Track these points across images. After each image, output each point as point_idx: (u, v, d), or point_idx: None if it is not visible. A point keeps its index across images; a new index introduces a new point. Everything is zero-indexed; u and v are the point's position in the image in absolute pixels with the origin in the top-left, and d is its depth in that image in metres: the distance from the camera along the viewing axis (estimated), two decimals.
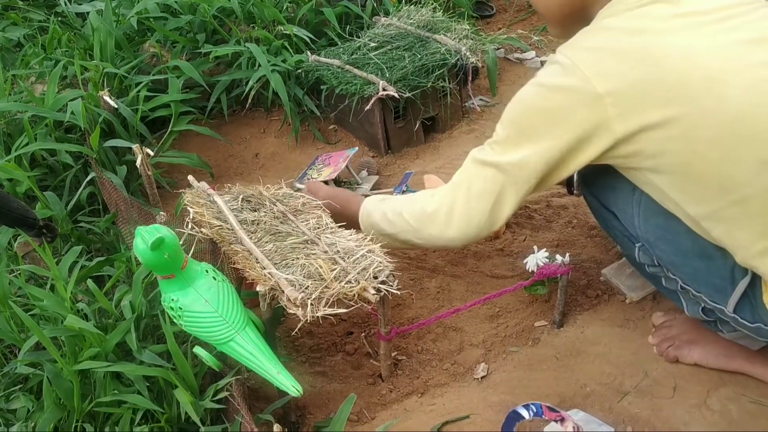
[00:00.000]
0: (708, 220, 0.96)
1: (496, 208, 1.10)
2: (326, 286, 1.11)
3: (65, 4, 2.69)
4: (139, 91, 2.02)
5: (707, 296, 1.07)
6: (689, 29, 0.92)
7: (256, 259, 1.18)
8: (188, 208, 1.33)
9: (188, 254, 1.17)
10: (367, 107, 1.97)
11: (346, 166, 1.89)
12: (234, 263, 1.25)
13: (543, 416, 1.02)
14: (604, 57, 0.94)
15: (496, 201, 1.10)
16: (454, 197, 1.15)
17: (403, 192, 1.77)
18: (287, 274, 1.13)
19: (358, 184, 1.93)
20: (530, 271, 1.35)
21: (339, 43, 2.31)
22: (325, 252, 1.20)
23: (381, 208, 1.28)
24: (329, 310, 1.08)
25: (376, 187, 1.94)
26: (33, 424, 1.15)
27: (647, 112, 0.92)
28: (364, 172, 1.99)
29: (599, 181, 1.17)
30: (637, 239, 1.16)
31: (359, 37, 2.27)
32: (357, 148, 1.98)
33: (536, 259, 1.35)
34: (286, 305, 1.09)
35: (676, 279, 1.12)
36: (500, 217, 1.12)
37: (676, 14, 0.93)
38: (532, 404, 1.03)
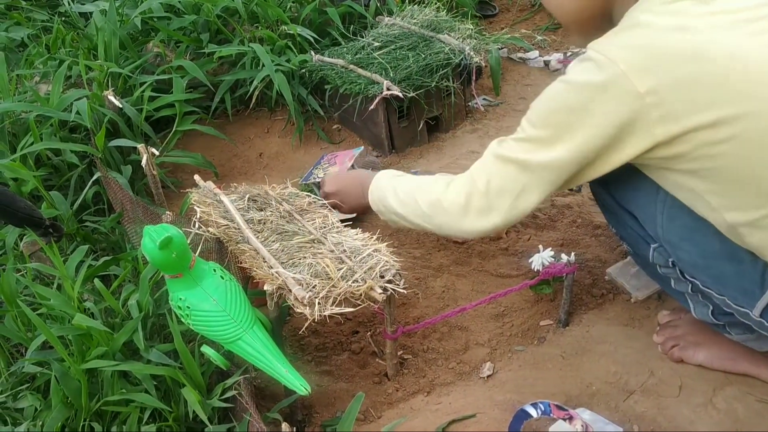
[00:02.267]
0: (747, 227, 0.92)
1: (516, 206, 1.06)
2: (333, 285, 1.11)
3: (68, 4, 2.69)
4: (143, 91, 2.02)
5: (732, 299, 1.03)
6: (726, 28, 0.88)
7: (264, 259, 1.19)
8: (195, 207, 1.34)
9: (195, 253, 1.17)
10: (371, 107, 1.97)
11: (352, 165, 1.89)
12: (241, 262, 1.26)
13: (551, 414, 1.02)
14: (644, 54, 0.88)
15: (517, 199, 1.05)
16: (471, 190, 1.09)
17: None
18: (294, 273, 1.14)
19: None
20: (535, 270, 1.35)
21: (343, 42, 2.31)
22: (332, 251, 1.21)
23: (393, 185, 1.25)
24: (336, 309, 1.08)
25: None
26: (40, 423, 1.15)
27: (693, 114, 0.87)
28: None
29: (617, 179, 1.10)
30: (654, 239, 1.11)
31: (363, 37, 2.27)
32: (363, 147, 1.97)
33: (542, 259, 1.35)
34: (293, 304, 1.10)
35: (688, 281, 1.09)
36: (518, 215, 1.07)
37: (709, 12, 0.89)
38: (540, 402, 1.04)
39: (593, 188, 1.24)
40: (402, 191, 1.23)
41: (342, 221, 1.34)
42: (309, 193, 1.44)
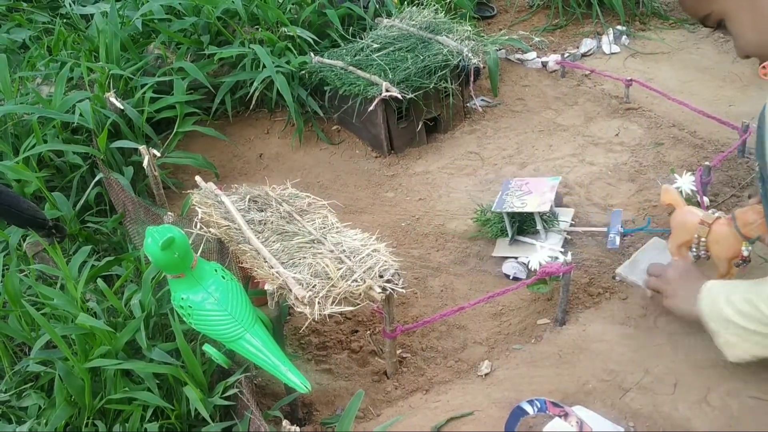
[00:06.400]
0: None
1: None
2: (333, 285, 1.13)
3: (69, 6, 2.71)
4: (144, 93, 2.04)
5: None
6: None
7: (264, 259, 1.20)
8: (196, 208, 1.35)
9: (197, 254, 1.18)
10: (371, 108, 1.99)
11: (553, 201, 1.62)
12: (242, 262, 1.27)
13: (547, 412, 1.04)
14: None
15: None
16: None
17: (621, 234, 1.55)
18: (294, 273, 1.15)
19: (554, 218, 1.66)
20: (533, 269, 1.37)
21: (342, 44, 2.33)
22: (332, 251, 1.22)
23: (725, 292, 1.07)
24: (336, 308, 1.10)
25: (576, 221, 1.68)
26: (44, 421, 1.17)
27: None
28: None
29: None
30: None
31: (362, 39, 2.29)
32: (560, 178, 1.73)
33: (539, 258, 1.37)
34: (293, 303, 1.11)
35: None
36: None
37: None
38: (537, 400, 1.05)
39: None
40: (739, 299, 1.04)
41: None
42: (307, 195, 1.43)
